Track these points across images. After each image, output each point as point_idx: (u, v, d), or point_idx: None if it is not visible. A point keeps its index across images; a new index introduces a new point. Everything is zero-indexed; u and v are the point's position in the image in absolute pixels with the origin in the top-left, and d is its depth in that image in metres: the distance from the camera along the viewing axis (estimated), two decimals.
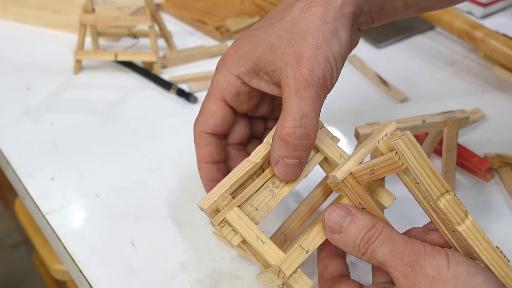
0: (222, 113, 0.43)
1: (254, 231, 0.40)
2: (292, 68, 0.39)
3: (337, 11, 0.40)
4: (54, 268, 0.80)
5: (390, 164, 0.36)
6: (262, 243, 0.40)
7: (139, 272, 0.46)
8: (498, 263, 0.36)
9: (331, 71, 0.40)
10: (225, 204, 0.40)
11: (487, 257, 0.36)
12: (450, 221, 0.36)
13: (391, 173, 0.37)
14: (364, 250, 0.36)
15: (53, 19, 0.78)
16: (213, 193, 0.41)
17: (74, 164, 0.57)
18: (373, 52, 0.76)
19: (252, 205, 0.41)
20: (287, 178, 0.41)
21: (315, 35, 0.39)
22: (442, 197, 0.36)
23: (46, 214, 0.51)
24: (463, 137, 0.59)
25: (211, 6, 0.84)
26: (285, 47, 0.40)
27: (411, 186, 0.37)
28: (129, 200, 0.53)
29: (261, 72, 0.42)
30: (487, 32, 0.70)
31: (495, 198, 0.53)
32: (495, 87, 0.68)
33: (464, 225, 0.36)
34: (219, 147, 0.44)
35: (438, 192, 0.36)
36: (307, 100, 0.39)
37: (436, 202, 0.36)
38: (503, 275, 0.36)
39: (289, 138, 0.39)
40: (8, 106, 0.65)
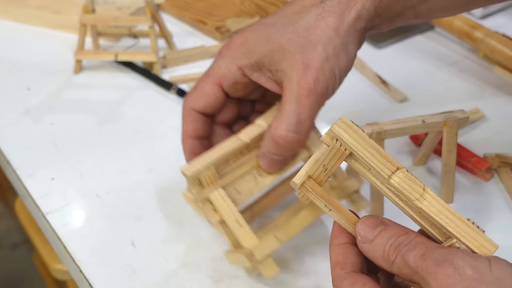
0: (216, 96, 0.44)
1: (233, 214, 0.42)
2: (298, 74, 0.40)
3: (351, 24, 0.42)
4: (54, 268, 0.80)
5: (335, 153, 0.37)
6: (240, 226, 0.42)
7: (139, 272, 0.46)
8: (470, 233, 0.34)
9: (334, 83, 0.42)
10: (208, 177, 0.43)
11: (455, 229, 0.34)
12: (408, 198, 0.35)
13: (340, 162, 0.37)
14: (394, 256, 0.34)
15: (53, 19, 0.78)
16: (197, 161, 0.43)
17: (74, 164, 0.57)
18: (373, 52, 0.76)
19: (235, 189, 0.44)
20: (269, 170, 0.44)
21: (326, 47, 0.41)
22: (394, 175, 0.35)
23: (46, 214, 0.51)
24: (463, 137, 0.60)
25: (211, 6, 0.84)
26: (295, 52, 0.41)
27: (366, 174, 0.37)
28: (129, 200, 0.53)
29: (264, 69, 0.43)
30: (486, 32, 0.70)
31: (494, 198, 0.53)
32: (495, 87, 0.68)
33: (424, 200, 0.35)
34: (206, 124, 0.46)
35: (388, 171, 0.35)
36: (306, 107, 0.41)
37: (389, 182, 0.35)
38: (477, 245, 0.34)
39: (280, 140, 0.41)
40: (8, 106, 0.65)
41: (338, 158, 0.37)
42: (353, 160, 0.37)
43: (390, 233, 0.35)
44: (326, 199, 0.39)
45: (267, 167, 0.44)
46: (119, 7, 0.77)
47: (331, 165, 0.38)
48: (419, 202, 0.35)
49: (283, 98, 0.41)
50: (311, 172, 0.39)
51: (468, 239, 0.34)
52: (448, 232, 0.34)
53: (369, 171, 0.37)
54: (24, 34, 0.78)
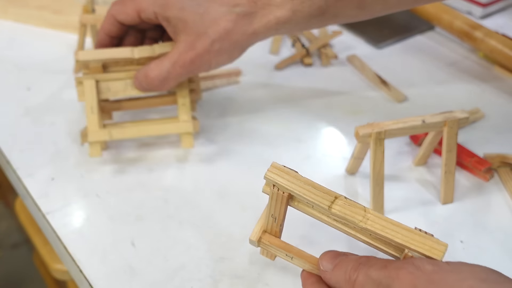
0: (132, 18, 0.53)
1: (92, 102, 0.53)
2: (184, 46, 0.51)
3: (251, 34, 0.52)
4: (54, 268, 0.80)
5: (277, 199, 0.38)
6: (92, 113, 0.54)
7: (139, 272, 0.46)
8: (418, 239, 0.35)
9: (205, 70, 0.53)
10: (94, 67, 0.54)
11: (403, 239, 0.35)
12: (353, 222, 0.36)
13: (284, 206, 0.39)
14: (355, 275, 0.34)
15: (53, 19, 0.78)
16: (92, 52, 0.53)
17: (74, 164, 0.57)
18: (373, 52, 0.76)
19: (108, 86, 0.54)
20: (135, 87, 0.55)
21: (215, 41, 0.51)
22: (334, 204, 0.36)
23: (46, 214, 0.51)
24: (463, 137, 0.60)
25: None
26: (193, 25, 0.51)
27: (311, 212, 0.38)
28: (129, 200, 0.53)
29: (170, 24, 0.52)
30: (486, 32, 0.70)
31: (494, 198, 0.53)
32: (495, 87, 0.68)
33: (368, 220, 0.36)
34: (120, 30, 0.55)
35: (327, 201, 0.36)
36: (176, 72, 0.52)
37: (331, 211, 0.36)
38: (428, 248, 0.34)
39: (148, 79, 0.53)
40: (8, 106, 0.65)
41: (281, 203, 0.38)
42: (296, 202, 0.39)
43: (350, 258, 0.36)
44: (286, 249, 0.40)
45: (134, 84, 0.55)
46: None
47: (277, 212, 0.39)
48: (364, 223, 0.36)
49: (169, 53, 0.52)
50: (265, 227, 0.41)
51: (418, 245, 0.35)
52: (398, 244, 0.35)
53: (312, 208, 0.38)
54: (24, 34, 0.78)
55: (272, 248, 0.41)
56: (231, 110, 0.64)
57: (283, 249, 0.40)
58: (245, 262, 0.47)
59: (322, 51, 0.74)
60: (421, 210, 0.52)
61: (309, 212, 0.39)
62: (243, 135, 0.60)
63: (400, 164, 0.57)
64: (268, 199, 0.39)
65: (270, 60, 0.73)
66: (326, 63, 0.73)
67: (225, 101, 0.66)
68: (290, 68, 0.72)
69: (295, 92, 0.68)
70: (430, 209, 0.52)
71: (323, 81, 0.70)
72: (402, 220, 0.37)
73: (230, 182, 0.54)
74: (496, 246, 0.48)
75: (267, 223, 0.41)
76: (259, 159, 0.57)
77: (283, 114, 0.64)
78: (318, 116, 0.63)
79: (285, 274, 0.46)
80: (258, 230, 0.41)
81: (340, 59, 0.74)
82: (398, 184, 0.55)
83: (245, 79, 0.70)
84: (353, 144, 0.55)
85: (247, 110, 0.64)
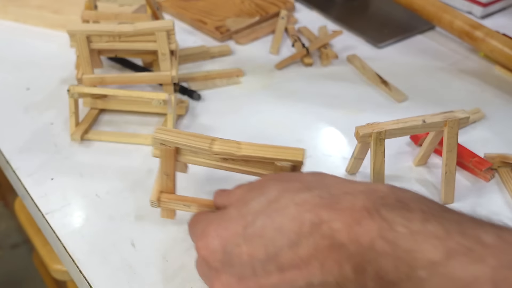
0: None
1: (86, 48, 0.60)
2: None
3: None
4: (54, 268, 0.80)
5: (166, 155, 0.44)
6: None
7: (139, 272, 0.46)
8: (282, 150, 0.41)
9: None
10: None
11: (272, 154, 0.41)
12: (232, 154, 0.42)
13: (173, 160, 0.44)
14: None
15: (53, 19, 0.78)
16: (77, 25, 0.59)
17: (74, 164, 0.56)
18: (373, 52, 0.76)
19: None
20: None
21: None
22: (213, 144, 0.42)
23: (46, 214, 0.51)
24: (463, 137, 0.59)
25: (211, 6, 0.84)
26: None
27: (197, 160, 0.44)
28: (129, 200, 0.53)
29: None
30: (487, 32, 0.70)
31: (495, 198, 0.53)
32: (495, 87, 0.68)
33: (242, 149, 0.42)
34: None
35: (208, 144, 0.42)
36: None
37: (212, 150, 0.42)
38: (291, 154, 0.41)
39: None
40: (8, 106, 0.65)
41: (170, 159, 0.44)
42: (183, 155, 0.44)
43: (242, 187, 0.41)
44: (182, 200, 0.46)
45: None
46: (121, 4, 0.77)
47: (169, 169, 0.45)
48: (240, 152, 0.42)
49: None
50: (161, 187, 0.46)
51: (283, 155, 0.41)
52: (269, 159, 0.42)
53: (197, 155, 0.44)
54: (23, 34, 0.78)
55: (171, 203, 0.46)
56: (231, 110, 0.64)
57: (180, 201, 0.46)
58: None
59: (322, 51, 0.74)
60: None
61: (195, 161, 0.44)
62: (243, 135, 0.60)
63: (401, 164, 0.57)
64: (159, 162, 0.45)
65: (270, 60, 0.73)
66: (326, 63, 0.73)
67: (225, 101, 0.66)
68: (290, 68, 0.72)
69: (295, 92, 0.68)
70: None
71: (323, 81, 0.70)
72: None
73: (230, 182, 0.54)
74: None
75: (162, 183, 0.46)
76: None
77: (283, 114, 0.64)
78: (318, 116, 0.63)
79: None
80: (156, 191, 0.47)
81: (340, 59, 0.74)
82: (399, 184, 0.54)
83: (245, 79, 0.70)
84: (353, 144, 0.55)
85: (247, 110, 0.64)
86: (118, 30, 0.59)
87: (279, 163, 0.41)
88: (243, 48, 0.76)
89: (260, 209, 0.36)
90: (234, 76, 0.70)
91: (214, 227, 0.38)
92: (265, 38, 0.79)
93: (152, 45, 0.61)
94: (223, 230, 0.37)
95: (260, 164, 0.43)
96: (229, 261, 0.36)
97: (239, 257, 0.35)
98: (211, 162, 0.44)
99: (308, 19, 0.83)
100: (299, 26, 0.81)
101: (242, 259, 0.35)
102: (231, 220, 0.37)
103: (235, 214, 0.37)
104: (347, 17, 0.83)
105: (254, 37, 0.78)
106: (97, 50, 0.63)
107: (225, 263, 0.36)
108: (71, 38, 0.60)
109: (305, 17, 0.83)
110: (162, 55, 0.61)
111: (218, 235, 0.37)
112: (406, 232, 0.30)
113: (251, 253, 0.35)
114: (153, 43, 0.61)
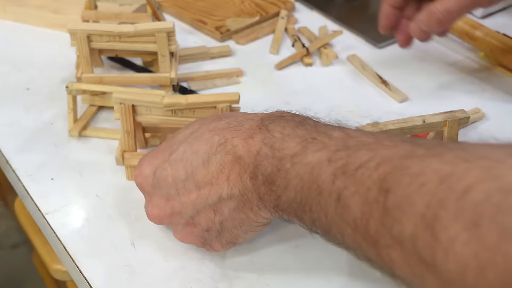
0: None
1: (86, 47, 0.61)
2: None
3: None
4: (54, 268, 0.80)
5: (124, 114, 0.50)
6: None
7: (139, 272, 0.46)
8: (222, 96, 0.50)
9: None
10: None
11: (209, 99, 0.50)
12: (181, 104, 0.49)
13: (132, 117, 0.50)
14: None
15: (53, 18, 0.78)
16: (78, 24, 0.60)
17: (74, 164, 0.56)
18: (373, 52, 0.76)
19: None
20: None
21: None
22: (163, 98, 0.49)
23: (46, 214, 0.51)
24: (463, 137, 0.59)
25: (211, 6, 0.84)
26: None
27: (152, 117, 0.51)
28: (129, 200, 0.52)
29: None
30: (487, 32, 0.70)
31: None
32: (495, 87, 0.68)
33: (188, 99, 0.50)
34: (403, 1, 0.60)
35: (159, 98, 0.49)
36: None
37: (164, 103, 0.49)
38: (229, 98, 0.50)
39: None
40: (8, 106, 0.65)
41: (129, 116, 0.50)
42: (139, 114, 0.50)
43: None
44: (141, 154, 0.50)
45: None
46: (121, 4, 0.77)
47: (129, 126, 0.51)
48: (187, 101, 0.49)
49: None
50: (123, 147, 0.53)
51: (222, 97, 0.50)
52: (212, 102, 0.49)
53: (150, 111, 0.50)
54: (23, 34, 0.78)
55: (132, 159, 0.52)
56: None
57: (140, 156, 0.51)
58: (245, 262, 0.47)
59: (323, 51, 0.74)
60: None
61: (150, 118, 0.51)
62: None
63: None
64: (120, 124, 0.51)
65: (270, 60, 0.73)
66: (327, 63, 0.73)
67: None
68: (290, 68, 0.72)
69: (295, 92, 0.68)
70: None
71: (323, 81, 0.70)
72: None
73: None
74: None
75: (124, 142, 0.52)
76: None
77: None
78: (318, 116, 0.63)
79: (285, 275, 0.46)
80: (119, 151, 0.53)
81: (340, 58, 0.74)
82: None
83: (245, 79, 0.70)
84: None
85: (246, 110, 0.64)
86: (118, 30, 0.59)
87: (219, 105, 0.49)
88: (243, 48, 0.76)
89: (183, 139, 0.43)
90: (234, 76, 0.70)
91: (147, 157, 0.45)
92: (265, 38, 0.79)
93: (152, 46, 0.61)
94: (154, 159, 0.44)
95: (205, 110, 0.50)
96: (158, 184, 0.43)
97: (165, 179, 0.42)
98: (164, 117, 0.50)
99: (308, 19, 0.83)
100: (299, 26, 0.81)
101: (168, 181, 0.42)
102: (161, 150, 0.44)
103: (164, 145, 0.45)
104: (347, 17, 0.83)
105: (254, 37, 0.78)
106: (97, 50, 0.63)
107: (155, 186, 0.43)
108: (71, 37, 0.60)
109: (305, 17, 0.83)
110: (162, 56, 0.61)
111: (150, 163, 0.44)
112: (280, 136, 0.38)
113: (174, 174, 0.42)
114: (153, 44, 0.61)
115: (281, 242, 0.49)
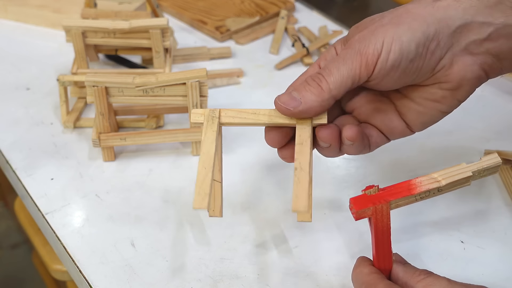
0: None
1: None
2: None
3: None
4: (54, 268, 0.80)
5: (99, 95, 0.52)
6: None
7: (139, 272, 0.46)
8: (187, 72, 0.52)
9: None
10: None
11: (179, 76, 0.52)
12: (152, 83, 0.52)
13: (106, 99, 0.52)
14: None
15: (53, 18, 0.78)
16: (73, 20, 0.61)
17: (74, 164, 0.56)
18: None
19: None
20: None
21: None
22: (135, 79, 0.52)
23: (46, 214, 0.51)
24: (463, 137, 0.59)
25: (211, 5, 0.84)
26: None
27: (126, 99, 0.53)
28: (129, 200, 0.52)
29: None
30: None
31: (494, 198, 0.53)
32: (495, 87, 0.68)
33: (158, 77, 0.52)
34: None
35: (130, 78, 0.52)
36: None
37: (135, 83, 0.51)
38: (196, 72, 0.52)
39: None
40: (8, 106, 0.65)
41: (103, 98, 0.52)
42: (112, 96, 0.53)
43: None
44: (118, 135, 0.54)
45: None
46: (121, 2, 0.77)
47: (103, 108, 0.53)
48: (157, 79, 0.51)
49: None
50: (99, 129, 0.54)
51: (191, 74, 0.53)
52: (181, 79, 0.52)
53: (123, 92, 0.52)
54: (23, 33, 0.78)
55: (109, 141, 0.55)
56: None
57: (117, 136, 0.55)
58: (245, 262, 0.47)
59: (322, 51, 0.74)
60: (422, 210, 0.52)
61: (123, 99, 0.53)
62: (243, 135, 0.60)
63: None
64: (95, 108, 0.53)
65: (270, 60, 0.73)
66: None
67: (225, 101, 0.66)
68: (290, 68, 0.72)
69: None
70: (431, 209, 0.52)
71: None
72: (403, 219, 0.37)
73: (230, 182, 0.54)
74: (496, 246, 0.48)
75: (99, 124, 0.54)
76: (259, 159, 0.57)
77: None
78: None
79: (285, 275, 0.46)
80: (95, 133, 0.55)
81: None
82: None
83: (245, 79, 0.70)
84: None
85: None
86: (113, 27, 0.60)
87: (189, 81, 0.52)
88: (243, 48, 0.76)
89: None
90: (234, 76, 0.70)
91: None
92: (265, 38, 0.79)
93: (146, 42, 0.61)
94: None
95: (175, 88, 0.52)
96: None
97: None
98: (136, 99, 0.53)
99: (308, 19, 0.83)
100: (299, 26, 0.81)
101: None
102: None
103: None
104: (347, 17, 0.83)
105: (254, 37, 0.78)
106: (93, 45, 0.64)
107: None
108: (66, 33, 0.61)
109: (305, 17, 0.83)
110: (156, 52, 0.62)
111: None
112: None
113: None
114: (147, 40, 0.61)
115: (281, 242, 0.49)
